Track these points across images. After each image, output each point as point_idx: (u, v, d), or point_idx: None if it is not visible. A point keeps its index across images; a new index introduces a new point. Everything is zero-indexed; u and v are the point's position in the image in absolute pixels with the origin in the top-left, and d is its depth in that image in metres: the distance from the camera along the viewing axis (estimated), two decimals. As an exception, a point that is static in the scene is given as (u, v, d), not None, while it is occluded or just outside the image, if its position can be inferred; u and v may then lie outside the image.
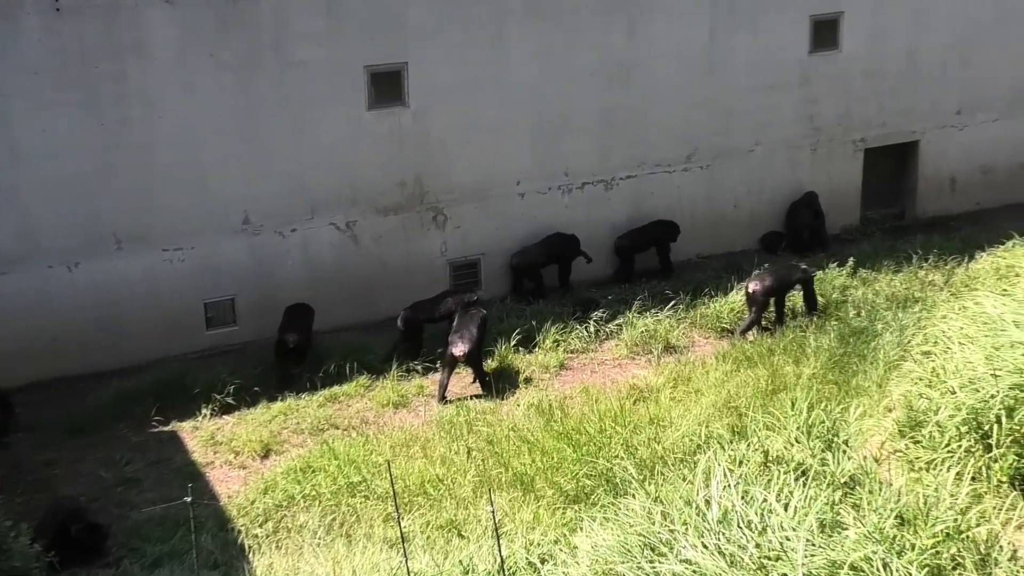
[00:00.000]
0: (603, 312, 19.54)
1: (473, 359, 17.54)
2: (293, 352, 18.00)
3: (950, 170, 24.27)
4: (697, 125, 21.78)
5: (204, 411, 17.12)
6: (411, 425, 16.66)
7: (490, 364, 18.18)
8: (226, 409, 17.25)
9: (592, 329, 19.16)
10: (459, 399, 17.40)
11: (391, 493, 13.19)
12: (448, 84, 19.77)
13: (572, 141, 20.94)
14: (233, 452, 16.19)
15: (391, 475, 12.89)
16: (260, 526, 14.25)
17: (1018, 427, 9.73)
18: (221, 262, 18.97)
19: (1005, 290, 12.97)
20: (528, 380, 17.98)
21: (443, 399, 17.42)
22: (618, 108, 21.10)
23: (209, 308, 19.10)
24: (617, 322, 19.30)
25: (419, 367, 18.25)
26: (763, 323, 19.22)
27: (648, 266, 21.52)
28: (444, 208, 20.27)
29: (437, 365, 18.16)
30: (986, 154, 24.40)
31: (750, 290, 19.16)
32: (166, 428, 16.86)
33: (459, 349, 17.39)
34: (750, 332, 18.96)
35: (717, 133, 21.99)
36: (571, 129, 20.88)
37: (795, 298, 19.69)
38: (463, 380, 17.96)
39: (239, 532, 14.05)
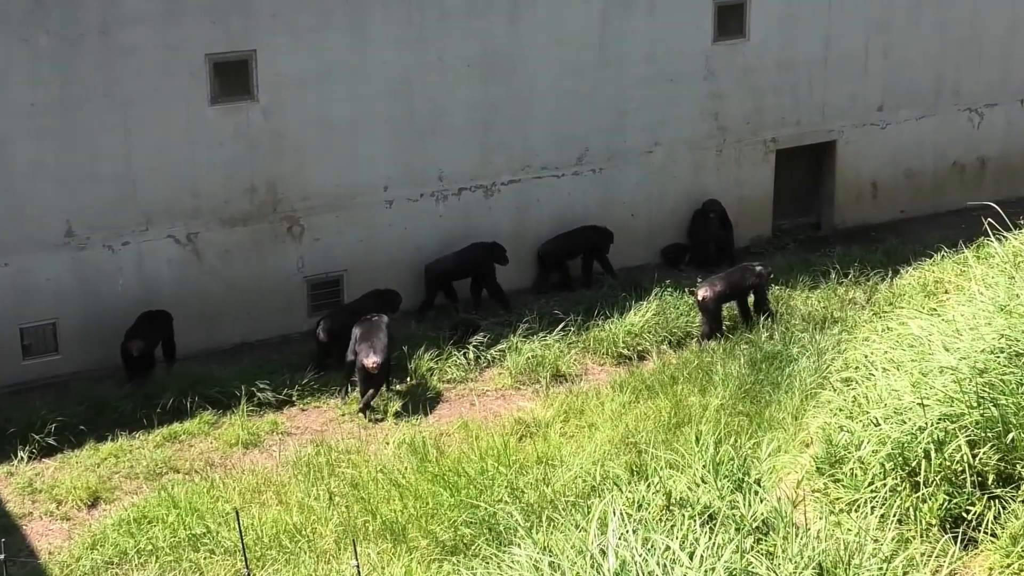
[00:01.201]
0: (484, 336, 19.61)
1: (384, 372, 17.87)
2: (138, 362, 18.45)
3: (871, 174, 24.65)
4: (588, 123, 21.91)
5: (20, 454, 16.84)
6: (264, 467, 16.55)
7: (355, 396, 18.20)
8: (46, 451, 16.99)
9: (472, 355, 19.23)
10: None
11: (240, 546, 13.08)
12: (303, 75, 19.69)
13: (447, 141, 20.96)
14: (55, 501, 15.96)
15: (240, 525, 12.77)
16: (87, 587, 14.09)
17: (949, 463, 9.91)
18: (39, 281, 18.67)
19: (933, 309, 13.23)
20: (399, 414, 17.96)
21: (368, 409, 17.86)
22: (499, 103, 21.18)
23: (26, 334, 18.78)
24: (500, 347, 19.39)
25: (272, 399, 18.19)
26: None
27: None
28: (301, 218, 20.17)
29: (294, 398, 18.21)
30: (911, 156, 24.82)
31: (700, 296, 19.57)
32: (-25, 475, 16.61)
33: (371, 360, 17.63)
34: (711, 341, 19.41)
35: (611, 132, 22.15)
36: (445, 127, 20.89)
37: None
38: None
39: (62, 595, 13.88)
